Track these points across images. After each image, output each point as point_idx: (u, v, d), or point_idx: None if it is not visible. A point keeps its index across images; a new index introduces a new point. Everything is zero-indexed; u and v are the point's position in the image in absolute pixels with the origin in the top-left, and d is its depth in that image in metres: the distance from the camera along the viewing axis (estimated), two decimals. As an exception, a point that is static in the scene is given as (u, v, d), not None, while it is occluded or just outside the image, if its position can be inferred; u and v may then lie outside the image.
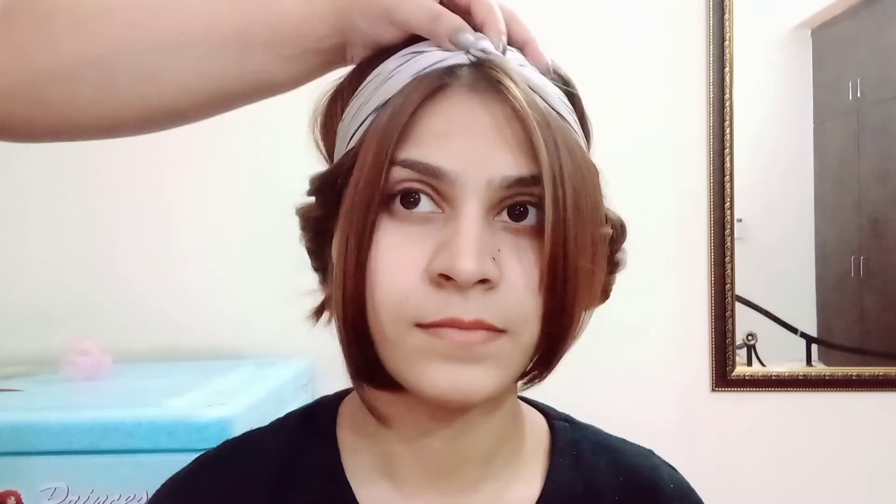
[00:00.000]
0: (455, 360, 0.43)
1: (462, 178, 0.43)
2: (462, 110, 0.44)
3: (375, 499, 0.51)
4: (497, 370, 0.44)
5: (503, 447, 0.53)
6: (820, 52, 1.57)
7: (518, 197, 0.44)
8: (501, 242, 0.44)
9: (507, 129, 0.44)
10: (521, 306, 0.44)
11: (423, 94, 0.44)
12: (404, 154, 0.44)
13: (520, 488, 0.53)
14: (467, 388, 0.44)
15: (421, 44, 0.47)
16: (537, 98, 0.45)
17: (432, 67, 0.45)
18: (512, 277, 0.44)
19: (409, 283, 0.43)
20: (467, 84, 0.44)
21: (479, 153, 0.43)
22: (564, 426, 0.57)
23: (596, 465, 0.55)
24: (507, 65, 0.45)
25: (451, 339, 0.43)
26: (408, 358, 0.44)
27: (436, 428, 0.49)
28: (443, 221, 0.44)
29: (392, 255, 0.44)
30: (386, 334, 0.44)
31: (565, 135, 0.45)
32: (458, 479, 0.51)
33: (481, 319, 0.43)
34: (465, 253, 0.41)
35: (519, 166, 0.44)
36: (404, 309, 0.43)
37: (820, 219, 1.56)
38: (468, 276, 0.41)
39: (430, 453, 0.50)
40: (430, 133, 0.44)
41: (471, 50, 0.45)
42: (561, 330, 0.45)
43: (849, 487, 1.48)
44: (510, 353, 0.45)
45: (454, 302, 0.43)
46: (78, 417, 0.97)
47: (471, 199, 0.43)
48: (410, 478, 0.51)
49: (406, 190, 0.44)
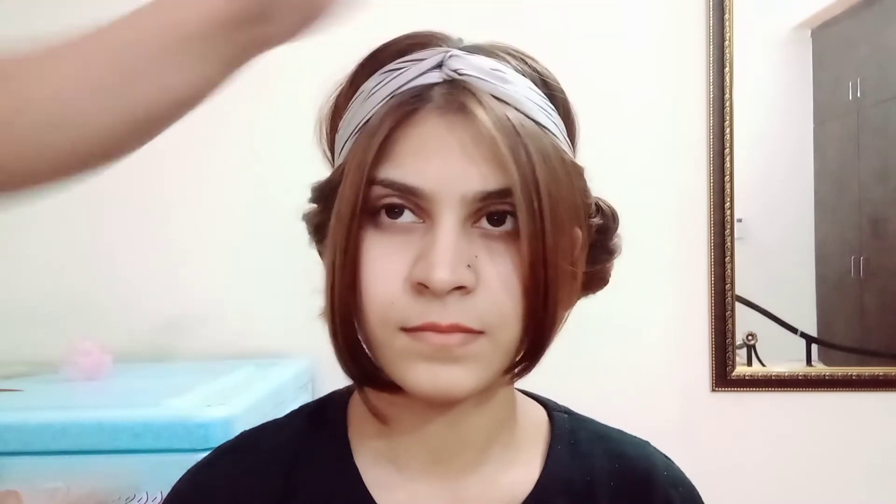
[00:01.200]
0: (435, 361, 0.47)
1: (438, 194, 0.46)
2: (434, 132, 0.47)
3: (380, 481, 0.54)
4: (476, 369, 0.48)
5: (500, 434, 0.56)
6: (820, 52, 1.57)
7: (493, 206, 0.47)
8: (479, 249, 0.47)
9: (477, 147, 0.46)
10: (498, 309, 0.47)
11: (395, 119, 0.47)
12: (384, 174, 0.47)
13: (518, 473, 0.56)
14: (447, 386, 0.47)
15: (398, 60, 0.50)
16: (510, 110, 0.47)
17: (406, 87, 0.48)
18: (489, 282, 0.47)
19: (394, 291, 0.47)
20: (438, 106, 0.47)
21: (453, 171, 0.46)
22: (563, 417, 0.60)
23: (592, 452, 0.58)
24: (476, 84, 0.48)
25: (430, 341, 0.46)
26: (395, 359, 0.48)
27: (433, 416, 0.53)
28: (423, 231, 0.47)
29: (378, 264, 0.47)
30: (375, 337, 0.48)
31: (540, 142, 0.48)
32: (457, 464, 0.54)
33: (457, 323, 0.46)
34: (438, 264, 0.45)
35: (491, 181, 0.46)
36: (390, 314, 0.47)
37: (820, 219, 1.56)
38: (442, 285, 0.45)
39: (430, 439, 0.54)
40: (406, 153, 0.47)
41: (443, 69, 0.48)
42: (544, 329, 0.48)
43: (849, 487, 1.48)
44: (489, 353, 0.48)
45: (433, 308, 0.46)
46: (78, 417, 0.97)
47: (447, 213, 0.46)
48: (412, 462, 0.54)
49: (389, 204, 0.48)
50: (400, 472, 0.54)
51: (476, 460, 0.54)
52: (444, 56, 0.49)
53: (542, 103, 0.50)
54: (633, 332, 1.47)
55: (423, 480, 0.54)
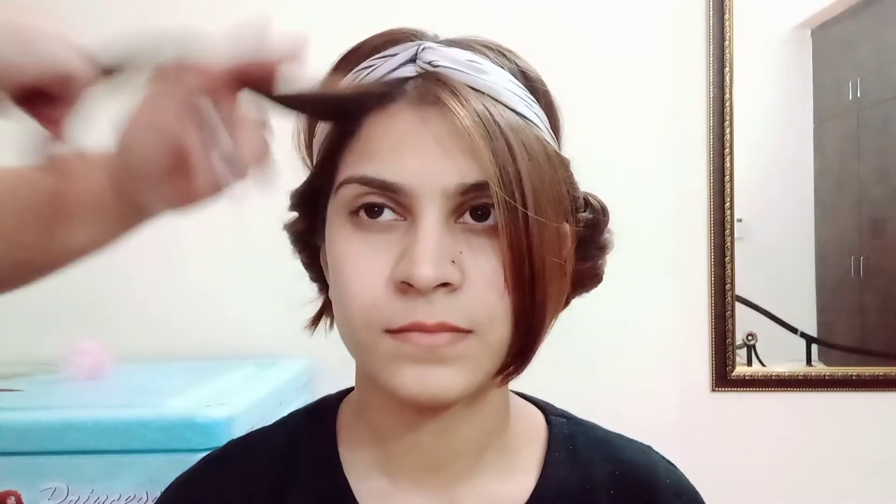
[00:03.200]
0: (422, 363, 0.45)
1: (417, 189, 0.45)
2: (409, 126, 0.46)
3: (372, 493, 0.52)
4: (465, 370, 0.46)
5: (494, 441, 0.53)
6: (820, 52, 1.57)
7: (475, 200, 0.46)
8: (463, 244, 0.46)
9: (453, 140, 0.45)
10: (485, 306, 0.45)
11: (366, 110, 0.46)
12: (361, 171, 0.46)
13: (514, 481, 0.53)
14: (435, 389, 0.45)
15: (372, 57, 0.49)
16: (488, 101, 0.46)
17: (381, 81, 0.47)
18: (475, 278, 0.45)
19: (376, 291, 0.45)
20: (412, 99, 0.46)
21: (432, 165, 0.45)
22: (561, 421, 0.58)
23: (591, 458, 0.55)
24: (451, 75, 0.46)
25: (417, 343, 0.44)
26: (380, 362, 0.46)
27: (424, 424, 0.51)
28: (405, 229, 0.46)
29: (359, 264, 0.46)
30: (359, 340, 0.46)
31: (522, 133, 0.46)
32: (450, 473, 0.52)
33: (445, 322, 0.44)
34: (422, 260, 0.43)
35: (467, 174, 0.45)
36: (373, 316, 0.45)
37: (820, 219, 1.56)
38: (426, 281, 0.43)
39: (422, 448, 0.52)
40: (383, 149, 0.46)
41: (417, 62, 0.47)
42: (533, 326, 0.46)
43: (849, 487, 1.48)
44: (478, 353, 0.46)
45: (418, 307, 0.44)
46: (78, 417, 0.97)
47: (428, 208, 0.45)
48: (404, 472, 0.52)
49: (368, 203, 0.46)
50: (392, 482, 0.52)
51: (470, 468, 0.52)
52: (417, 49, 0.48)
53: (523, 94, 0.49)
54: (633, 332, 1.47)
55: (415, 491, 0.52)
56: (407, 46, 0.48)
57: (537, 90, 0.51)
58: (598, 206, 0.54)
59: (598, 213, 0.54)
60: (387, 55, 0.48)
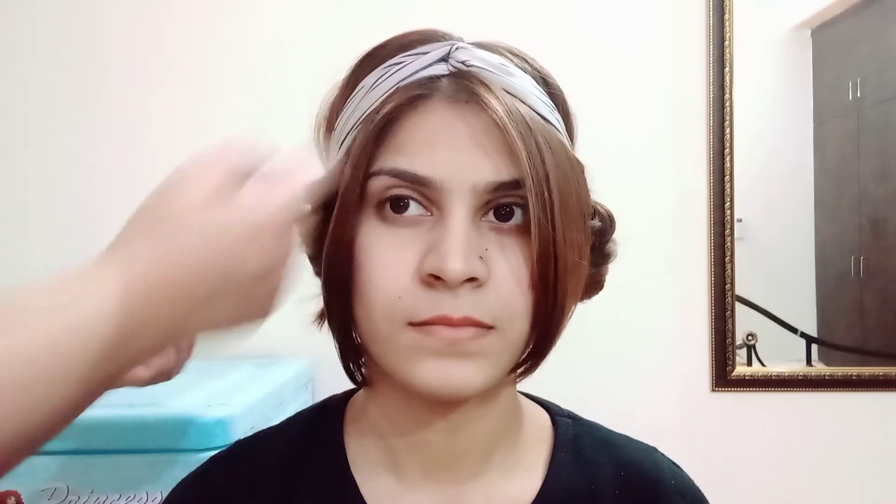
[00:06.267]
0: (445, 357, 0.45)
1: (447, 184, 0.45)
2: (443, 121, 0.46)
3: (379, 492, 0.52)
4: (486, 365, 0.46)
5: (502, 441, 0.54)
6: (820, 52, 1.57)
7: (503, 199, 0.46)
8: (489, 242, 0.46)
9: (488, 137, 0.45)
10: (509, 303, 0.46)
11: (399, 102, 0.46)
12: (392, 164, 0.46)
13: (520, 481, 0.54)
14: (457, 383, 0.45)
15: (401, 54, 0.49)
16: (518, 103, 0.46)
17: (411, 78, 0.47)
18: (500, 275, 0.46)
19: (401, 284, 0.45)
20: (447, 96, 0.46)
21: (463, 161, 0.45)
22: (567, 422, 0.58)
23: (597, 459, 0.56)
24: (484, 75, 0.47)
25: (440, 336, 0.45)
26: (400, 355, 0.46)
27: (434, 422, 0.51)
28: (431, 224, 0.46)
29: (384, 257, 0.46)
30: (380, 333, 0.46)
31: (548, 136, 0.47)
32: (458, 472, 0.52)
33: (470, 316, 0.45)
34: (452, 253, 0.43)
35: (501, 172, 0.45)
36: (397, 308, 0.45)
37: (820, 219, 1.56)
38: (456, 275, 0.43)
39: (430, 447, 0.52)
40: (415, 142, 0.46)
41: (449, 61, 0.47)
42: (551, 324, 0.47)
43: (848, 487, 1.48)
44: (499, 349, 0.46)
45: (444, 300, 0.45)
46: (78, 417, 0.97)
47: (457, 203, 0.45)
48: (412, 471, 0.52)
49: (395, 196, 0.46)
50: (399, 480, 0.52)
51: (478, 467, 0.53)
52: (450, 48, 0.48)
53: (545, 100, 0.50)
54: (633, 332, 1.47)
55: (423, 489, 0.52)
56: (439, 45, 0.49)
57: (556, 97, 0.52)
58: (605, 215, 0.55)
59: (605, 222, 0.55)
60: (418, 52, 0.49)
